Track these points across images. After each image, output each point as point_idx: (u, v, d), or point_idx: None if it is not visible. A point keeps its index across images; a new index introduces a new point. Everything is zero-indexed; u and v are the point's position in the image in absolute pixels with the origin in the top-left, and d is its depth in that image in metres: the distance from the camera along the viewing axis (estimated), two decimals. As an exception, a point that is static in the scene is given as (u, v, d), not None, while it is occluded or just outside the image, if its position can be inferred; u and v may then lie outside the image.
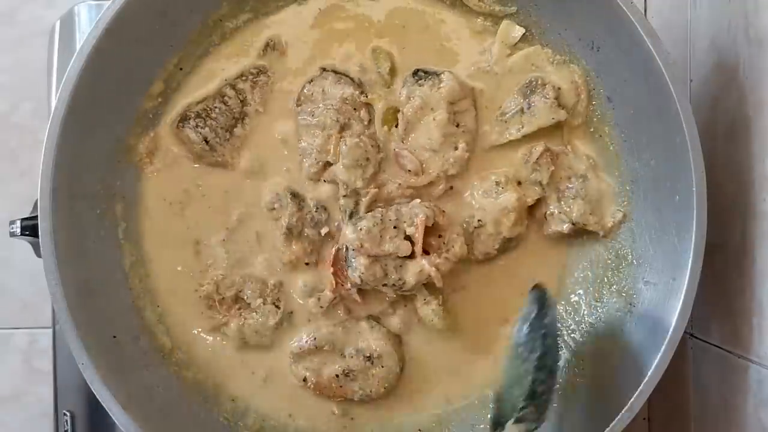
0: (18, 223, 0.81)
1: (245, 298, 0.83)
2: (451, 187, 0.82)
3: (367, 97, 0.82)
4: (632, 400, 0.72)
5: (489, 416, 0.74)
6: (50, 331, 1.02)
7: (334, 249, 0.82)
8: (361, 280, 0.79)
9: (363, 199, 0.81)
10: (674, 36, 0.92)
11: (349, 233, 0.78)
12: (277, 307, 0.83)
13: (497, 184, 0.81)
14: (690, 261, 0.71)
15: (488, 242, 0.81)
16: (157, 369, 0.81)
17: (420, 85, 0.81)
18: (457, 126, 0.81)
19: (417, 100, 0.80)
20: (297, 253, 0.82)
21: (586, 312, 0.82)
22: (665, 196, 0.75)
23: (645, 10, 1.04)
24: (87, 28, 0.83)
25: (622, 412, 0.72)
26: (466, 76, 0.82)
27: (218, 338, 0.84)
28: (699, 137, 0.71)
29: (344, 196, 0.81)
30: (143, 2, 0.75)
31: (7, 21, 1.16)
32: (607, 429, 0.72)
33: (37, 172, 0.74)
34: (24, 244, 0.82)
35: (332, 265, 0.82)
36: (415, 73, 0.82)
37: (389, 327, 0.83)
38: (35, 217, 0.75)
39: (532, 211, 0.82)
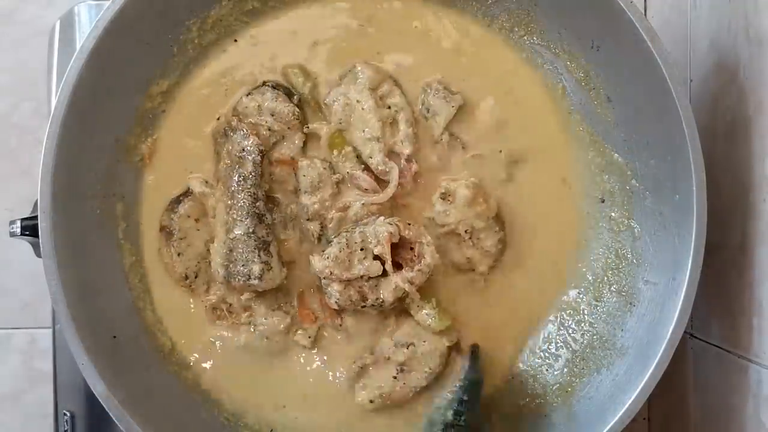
0: (18, 223, 0.80)
1: (253, 305, 0.82)
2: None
3: (309, 127, 0.81)
4: (632, 400, 0.72)
5: None
6: (50, 331, 1.02)
7: (300, 291, 0.82)
8: (339, 306, 0.78)
9: (329, 225, 0.80)
10: (674, 36, 0.92)
11: (316, 263, 0.78)
12: (286, 312, 0.82)
13: (443, 197, 0.81)
14: (690, 261, 0.71)
15: (489, 235, 0.81)
16: (157, 369, 0.81)
17: (339, 85, 0.81)
18: (389, 108, 0.81)
19: (341, 98, 0.80)
20: (290, 246, 0.82)
21: (586, 312, 0.82)
22: (665, 196, 0.75)
23: (645, 10, 1.04)
24: (87, 28, 0.83)
25: (622, 412, 0.72)
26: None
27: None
28: (699, 137, 0.71)
29: (308, 219, 0.81)
30: (143, 2, 0.75)
31: (7, 21, 1.16)
32: (607, 429, 0.72)
33: (37, 172, 0.74)
34: (24, 244, 0.82)
35: (301, 308, 0.82)
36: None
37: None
38: (35, 217, 0.74)
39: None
